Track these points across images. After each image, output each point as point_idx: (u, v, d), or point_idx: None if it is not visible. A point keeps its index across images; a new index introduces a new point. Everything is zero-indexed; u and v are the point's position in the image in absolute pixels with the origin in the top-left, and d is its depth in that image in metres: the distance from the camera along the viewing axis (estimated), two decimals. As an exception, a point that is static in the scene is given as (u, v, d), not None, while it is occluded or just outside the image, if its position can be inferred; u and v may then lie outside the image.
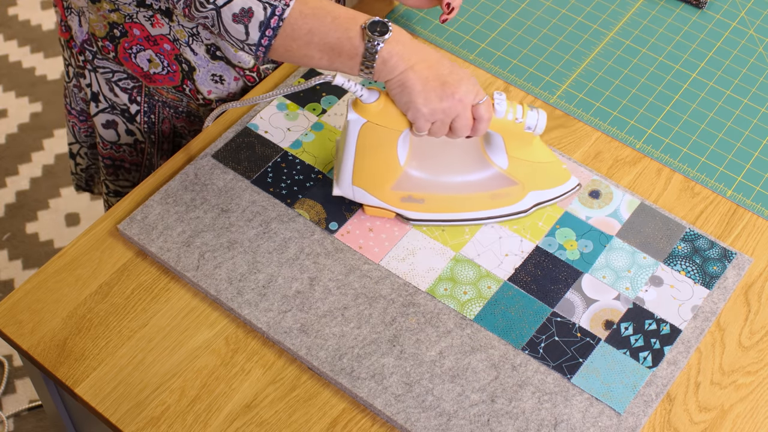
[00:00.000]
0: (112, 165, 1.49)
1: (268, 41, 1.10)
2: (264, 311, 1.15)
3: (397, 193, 1.19)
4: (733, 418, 1.09)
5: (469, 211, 1.20)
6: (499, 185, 1.19)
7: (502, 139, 1.16)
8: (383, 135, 1.14)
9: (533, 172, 1.19)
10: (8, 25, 2.69)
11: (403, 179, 1.19)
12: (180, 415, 1.08)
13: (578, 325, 1.14)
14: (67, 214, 2.31)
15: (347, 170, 1.18)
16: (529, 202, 1.21)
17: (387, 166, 1.17)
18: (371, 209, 1.21)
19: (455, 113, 1.10)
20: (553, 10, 1.48)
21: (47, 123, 2.48)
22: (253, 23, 1.09)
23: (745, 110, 1.36)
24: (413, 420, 1.07)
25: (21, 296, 1.17)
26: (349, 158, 1.17)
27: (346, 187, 1.19)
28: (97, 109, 1.42)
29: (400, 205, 1.20)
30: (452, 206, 1.20)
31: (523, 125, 1.15)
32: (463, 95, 1.09)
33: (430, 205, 1.20)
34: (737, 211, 1.26)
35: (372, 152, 1.16)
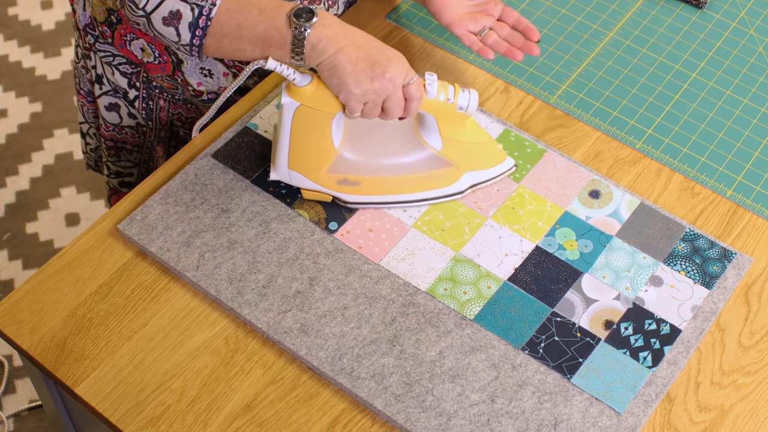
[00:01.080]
0: (114, 146, 1.51)
1: (199, 41, 1.13)
2: (264, 311, 1.15)
3: (332, 176, 1.20)
4: (733, 418, 1.09)
5: (405, 193, 1.21)
6: (433, 166, 1.20)
7: (435, 120, 1.17)
8: (317, 118, 1.15)
9: (467, 152, 1.20)
10: (8, 25, 2.69)
11: (338, 162, 1.20)
12: (180, 415, 1.08)
13: (578, 325, 1.14)
14: (67, 214, 2.31)
15: (283, 154, 1.19)
16: (465, 183, 1.22)
17: (321, 149, 1.18)
18: (308, 193, 1.22)
19: (386, 93, 1.11)
20: (553, 10, 1.48)
21: (47, 123, 2.48)
22: (183, 25, 1.12)
23: (745, 110, 1.36)
24: (413, 420, 1.07)
25: (21, 296, 1.17)
26: (285, 142, 1.18)
27: (283, 171, 1.20)
28: (100, 91, 1.44)
29: (335, 188, 1.21)
30: (387, 188, 1.21)
31: (455, 106, 1.16)
32: (393, 75, 1.10)
33: (366, 187, 1.21)
34: (737, 211, 1.26)
35: (306, 135, 1.17)
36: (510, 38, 1.30)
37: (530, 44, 1.28)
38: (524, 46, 1.29)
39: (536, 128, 1.33)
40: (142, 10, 1.13)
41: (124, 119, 1.46)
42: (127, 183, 1.57)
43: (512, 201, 1.25)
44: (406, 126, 1.22)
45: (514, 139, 1.31)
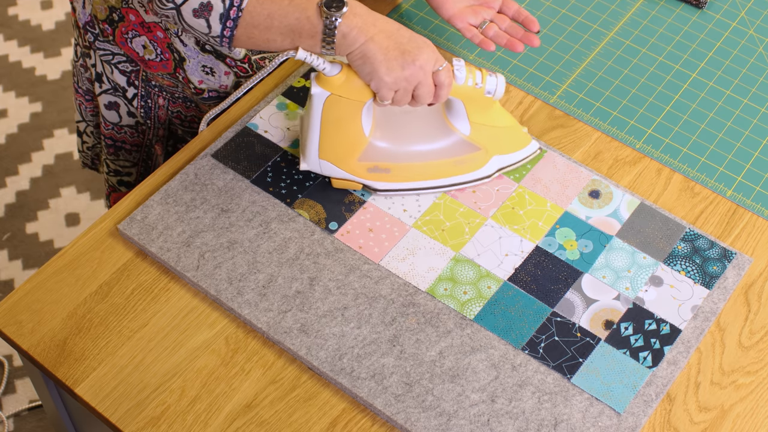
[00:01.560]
0: (113, 145, 1.51)
1: (230, 32, 1.13)
2: (264, 311, 1.15)
3: (363, 164, 1.21)
4: (733, 418, 1.09)
5: (435, 179, 1.23)
6: (462, 151, 1.22)
7: (463, 105, 1.19)
8: (347, 107, 1.16)
9: (495, 136, 1.22)
10: (8, 25, 2.69)
11: (369, 150, 1.21)
12: (180, 415, 1.08)
13: (578, 325, 1.14)
14: (67, 214, 2.31)
15: (313, 144, 1.19)
16: (493, 167, 1.24)
17: (352, 138, 1.19)
18: (339, 182, 1.23)
19: (417, 80, 1.12)
20: (553, 10, 1.48)
21: (47, 123, 2.48)
22: (214, 16, 1.12)
23: (745, 110, 1.36)
24: (413, 420, 1.07)
25: (21, 296, 1.17)
26: (315, 132, 1.18)
27: (313, 161, 1.21)
28: (100, 90, 1.44)
29: (366, 176, 1.22)
30: (418, 174, 1.22)
31: (483, 90, 1.17)
32: (424, 62, 1.11)
33: (396, 174, 1.22)
34: (737, 211, 1.26)
35: (337, 125, 1.17)
36: (510, 30, 1.32)
37: (530, 35, 1.30)
38: (524, 37, 1.31)
39: (536, 128, 1.33)
40: (172, 2, 1.12)
41: (124, 118, 1.46)
42: (125, 182, 1.57)
43: (512, 201, 1.25)
44: (434, 112, 1.23)
45: (514, 139, 1.31)
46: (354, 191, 1.24)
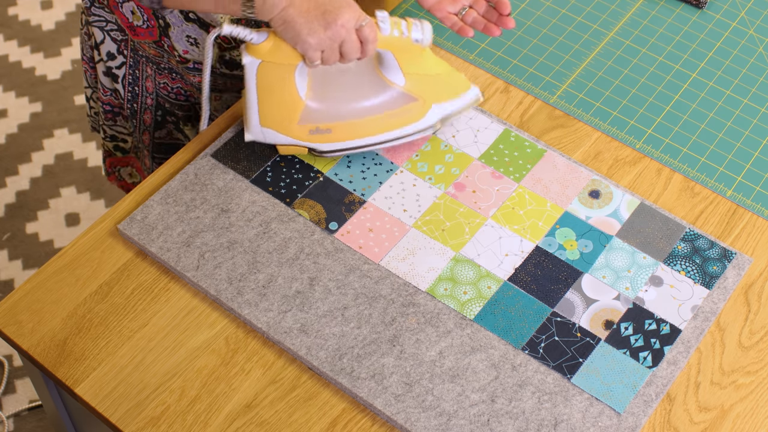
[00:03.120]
0: (111, 111, 1.54)
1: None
2: (264, 311, 1.15)
3: (304, 126, 1.22)
4: (733, 418, 1.09)
5: (377, 134, 1.24)
6: (400, 103, 1.23)
7: (394, 57, 1.20)
8: (279, 72, 1.18)
9: (431, 84, 1.23)
10: (8, 25, 2.69)
11: (308, 112, 1.22)
12: (180, 415, 1.08)
13: (578, 325, 1.14)
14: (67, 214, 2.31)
15: (253, 113, 1.21)
16: (434, 117, 1.24)
17: (289, 102, 1.21)
18: (284, 148, 1.24)
19: (341, 38, 1.14)
20: (553, 10, 1.48)
21: (47, 123, 2.48)
22: None
23: (745, 110, 1.36)
24: (413, 420, 1.07)
25: (21, 296, 1.17)
26: (253, 101, 1.21)
27: (256, 130, 1.23)
28: (99, 57, 1.45)
29: (309, 138, 1.23)
30: (359, 131, 1.23)
31: (409, 39, 1.18)
32: (345, 21, 1.13)
33: (338, 133, 1.23)
34: (737, 211, 1.26)
35: (272, 91, 1.20)
36: (487, 15, 1.33)
37: (504, 18, 1.31)
38: (499, 20, 1.32)
39: (536, 128, 1.33)
40: None
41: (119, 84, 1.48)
42: (121, 148, 1.59)
43: (512, 201, 1.25)
44: (367, 67, 1.24)
45: (514, 139, 1.31)
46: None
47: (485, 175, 1.27)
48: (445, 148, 1.30)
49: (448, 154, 1.29)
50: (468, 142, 1.30)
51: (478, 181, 1.27)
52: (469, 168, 1.28)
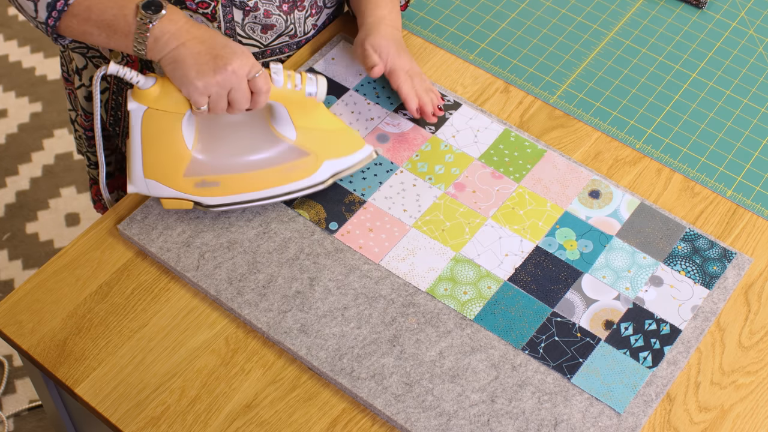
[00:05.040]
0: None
1: (54, 21, 1.14)
2: (264, 311, 1.15)
3: (190, 179, 1.18)
4: (733, 418, 1.09)
5: (267, 188, 1.20)
6: (291, 158, 1.19)
7: (286, 110, 1.17)
8: (166, 120, 1.13)
9: (323, 140, 1.20)
10: (8, 25, 2.69)
11: (195, 164, 1.18)
12: (180, 415, 1.08)
13: (578, 325, 1.14)
14: (67, 214, 2.31)
15: (137, 163, 1.17)
16: (326, 173, 1.21)
17: (175, 153, 1.16)
18: (168, 202, 1.20)
19: (230, 85, 1.11)
20: (553, 10, 1.48)
21: (47, 123, 2.48)
22: (42, 2, 1.13)
23: (745, 110, 1.36)
24: (413, 420, 1.07)
25: (21, 296, 1.17)
26: (137, 150, 1.16)
27: (139, 181, 1.18)
28: (80, 83, 1.44)
29: (195, 191, 1.19)
30: (248, 185, 1.19)
31: (303, 92, 1.15)
32: (236, 67, 1.10)
33: (226, 187, 1.19)
34: (737, 211, 1.26)
35: (158, 140, 1.15)
36: None
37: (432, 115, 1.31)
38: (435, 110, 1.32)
39: (536, 128, 1.33)
40: None
41: None
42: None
43: (512, 201, 1.25)
44: (259, 120, 1.20)
45: (514, 139, 1.31)
46: (200, 208, 1.20)
47: (485, 175, 1.27)
48: (445, 148, 1.30)
49: (448, 154, 1.29)
50: (468, 142, 1.30)
51: (478, 181, 1.27)
52: (469, 168, 1.28)
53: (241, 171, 1.18)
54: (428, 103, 1.30)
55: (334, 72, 1.38)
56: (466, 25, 1.45)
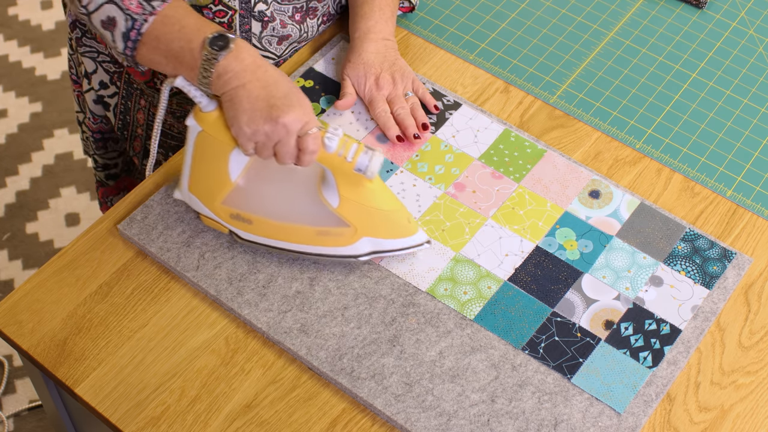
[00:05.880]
0: (102, 138, 1.52)
1: (131, 51, 1.13)
2: (264, 311, 1.15)
3: (226, 208, 1.16)
4: (733, 418, 1.09)
5: (297, 243, 1.16)
6: (329, 223, 1.14)
7: (333, 177, 1.12)
8: (216, 147, 1.12)
9: (367, 216, 1.14)
10: (8, 25, 2.69)
11: (234, 195, 1.16)
12: (180, 415, 1.08)
13: (578, 325, 1.14)
14: (67, 214, 2.31)
15: (185, 175, 1.16)
16: (363, 248, 1.15)
17: (218, 179, 1.15)
18: (206, 220, 1.19)
19: (277, 138, 1.07)
20: (553, 10, 1.48)
21: (47, 123, 2.48)
22: (117, 33, 1.12)
23: (745, 110, 1.36)
24: (413, 420, 1.07)
25: (21, 296, 1.17)
26: (187, 164, 1.15)
27: (185, 192, 1.18)
28: (88, 86, 1.44)
29: (229, 221, 1.17)
30: (280, 234, 1.16)
31: (352, 165, 1.09)
32: (289, 122, 1.06)
33: (258, 227, 1.16)
34: (737, 211, 1.26)
35: (205, 162, 1.14)
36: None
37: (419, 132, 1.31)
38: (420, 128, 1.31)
39: (536, 128, 1.33)
40: (84, 8, 1.14)
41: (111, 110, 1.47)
42: (113, 175, 1.58)
43: (512, 201, 1.25)
44: (308, 174, 1.16)
45: (514, 139, 1.31)
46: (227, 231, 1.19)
47: (485, 175, 1.27)
48: (445, 148, 1.30)
49: (448, 154, 1.29)
50: (468, 142, 1.30)
51: (478, 181, 1.27)
52: (469, 168, 1.28)
53: (276, 218, 1.15)
54: (409, 126, 1.29)
55: (334, 72, 1.38)
56: (466, 25, 1.45)
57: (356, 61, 1.32)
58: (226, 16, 1.27)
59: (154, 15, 1.11)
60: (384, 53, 1.33)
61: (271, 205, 1.16)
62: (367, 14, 1.34)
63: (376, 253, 1.16)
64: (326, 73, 1.37)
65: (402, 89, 1.32)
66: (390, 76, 1.31)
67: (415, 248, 1.17)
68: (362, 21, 1.34)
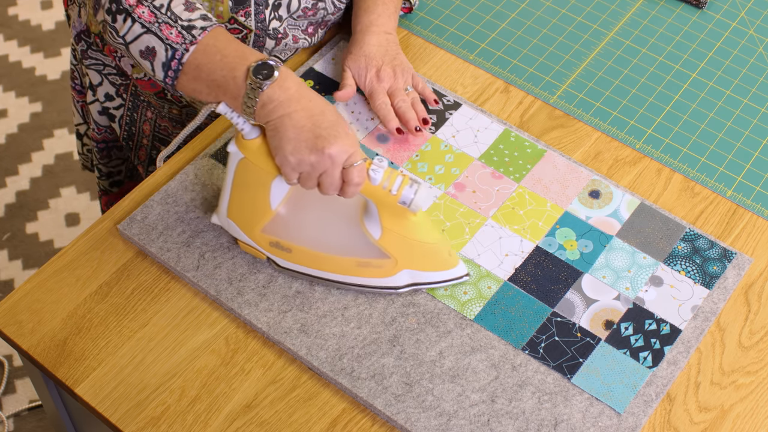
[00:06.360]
0: (105, 147, 1.51)
1: (171, 80, 1.11)
2: (264, 311, 1.15)
3: (266, 236, 1.15)
4: (733, 418, 1.09)
5: (336, 273, 1.15)
6: (369, 254, 1.13)
7: (377, 208, 1.11)
8: (258, 174, 1.10)
9: (408, 249, 1.13)
10: (8, 25, 2.69)
11: (274, 224, 1.15)
12: (180, 415, 1.08)
13: (578, 325, 1.14)
14: (67, 214, 2.31)
15: (224, 201, 1.15)
16: (403, 280, 1.14)
17: (258, 207, 1.13)
18: (244, 246, 1.17)
19: (323, 169, 1.06)
20: (553, 10, 1.48)
21: (47, 123, 2.48)
22: (157, 62, 1.11)
23: (745, 110, 1.36)
24: (413, 420, 1.07)
25: (21, 296, 1.17)
26: (227, 190, 1.14)
27: (223, 217, 1.17)
28: (93, 98, 1.44)
29: (268, 248, 1.16)
30: (319, 264, 1.14)
31: (397, 198, 1.08)
32: (334, 152, 1.04)
33: (297, 256, 1.15)
34: (737, 211, 1.26)
35: (246, 189, 1.12)
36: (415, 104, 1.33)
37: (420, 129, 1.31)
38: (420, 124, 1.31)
39: (536, 128, 1.33)
40: (122, 39, 1.12)
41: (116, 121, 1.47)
42: (117, 182, 1.57)
43: (512, 201, 1.25)
44: (350, 205, 1.15)
45: (514, 139, 1.31)
46: (267, 255, 1.17)
47: (485, 175, 1.27)
48: (445, 148, 1.30)
49: (448, 154, 1.29)
50: (468, 142, 1.30)
51: (478, 181, 1.27)
52: (469, 168, 1.28)
53: (316, 248, 1.14)
54: (410, 119, 1.29)
55: (334, 72, 1.38)
56: (466, 25, 1.45)
57: (358, 53, 1.32)
58: (240, 33, 1.27)
59: (195, 44, 1.09)
60: (386, 46, 1.33)
61: (312, 234, 1.15)
62: (370, 8, 1.34)
63: (415, 285, 1.15)
64: (326, 73, 1.37)
65: (403, 83, 1.31)
66: (391, 69, 1.31)
67: (454, 281, 1.16)
68: (365, 14, 1.34)
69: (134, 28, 1.11)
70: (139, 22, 1.11)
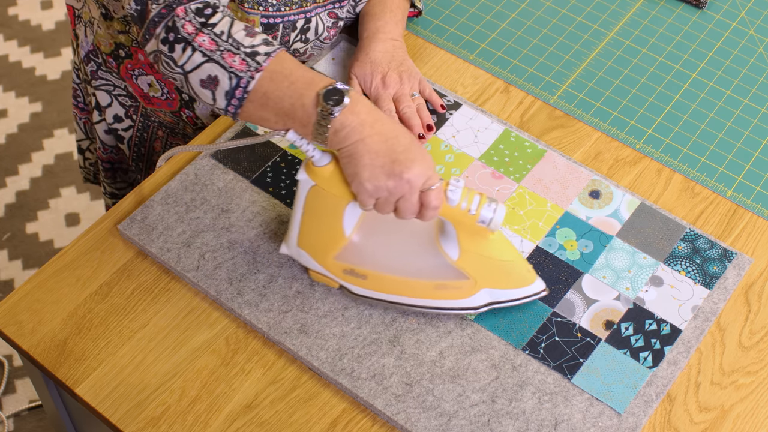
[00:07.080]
0: (111, 168, 1.50)
1: (234, 109, 1.07)
2: (264, 311, 1.15)
3: (339, 264, 1.13)
4: (734, 419, 1.09)
5: (414, 297, 1.13)
6: (448, 276, 1.11)
7: (455, 229, 1.09)
8: (330, 201, 1.08)
9: (487, 268, 1.11)
10: (8, 25, 2.69)
11: (348, 251, 1.13)
12: (180, 415, 1.08)
13: (578, 325, 1.14)
14: (67, 214, 2.31)
15: (294, 230, 1.13)
16: (482, 300, 1.13)
17: (331, 234, 1.11)
18: (316, 275, 1.15)
19: (401, 194, 1.03)
20: (553, 10, 1.48)
21: (47, 123, 2.48)
22: (219, 92, 1.07)
23: (745, 110, 1.36)
24: (413, 420, 1.07)
25: (21, 296, 1.17)
26: (297, 219, 1.12)
27: (293, 247, 1.14)
28: (100, 118, 1.43)
29: (342, 276, 1.13)
30: (396, 288, 1.12)
31: (476, 218, 1.06)
32: (412, 177, 1.02)
33: (373, 282, 1.13)
34: (737, 211, 1.26)
35: (318, 217, 1.10)
36: None
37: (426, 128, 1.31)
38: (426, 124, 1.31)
39: (536, 128, 1.33)
40: (180, 68, 1.08)
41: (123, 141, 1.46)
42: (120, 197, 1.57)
43: (512, 201, 1.25)
44: (426, 228, 1.13)
45: (514, 139, 1.31)
46: (337, 281, 1.15)
47: (485, 175, 1.27)
48: (446, 148, 1.30)
49: (449, 154, 1.29)
50: (468, 142, 1.30)
51: (479, 181, 1.27)
52: (469, 168, 1.28)
53: (392, 273, 1.12)
54: (414, 126, 1.28)
55: (334, 72, 1.38)
56: (466, 25, 1.45)
57: (364, 60, 1.32)
58: None
59: (260, 71, 1.05)
60: (392, 53, 1.32)
61: (387, 259, 1.13)
62: (377, 14, 1.34)
63: (494, 304, 1.14)
64: (326, 73, 1.37)
65: (409, 89, 1.31)
66: (397, 75, 1.31)
67: (533, 296, 1.14)
68: (372, 21, 1.33)
69: (194, 57, 1.07)
70: (199, 51, 1.06)
